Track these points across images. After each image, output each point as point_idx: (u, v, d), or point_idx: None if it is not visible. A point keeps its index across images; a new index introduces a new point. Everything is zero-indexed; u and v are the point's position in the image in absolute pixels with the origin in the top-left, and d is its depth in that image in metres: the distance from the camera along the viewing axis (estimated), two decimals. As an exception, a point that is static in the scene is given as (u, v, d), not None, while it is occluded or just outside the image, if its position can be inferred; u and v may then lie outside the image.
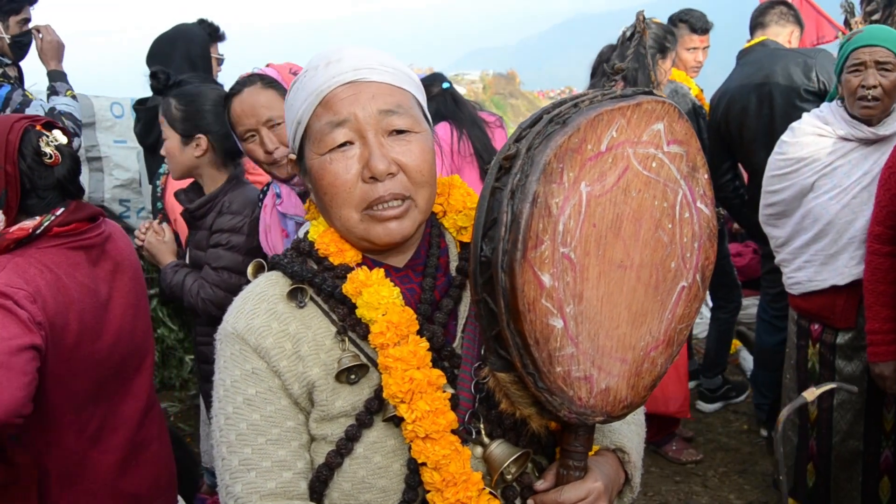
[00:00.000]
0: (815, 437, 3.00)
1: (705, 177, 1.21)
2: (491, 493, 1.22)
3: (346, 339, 1.24)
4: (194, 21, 4.04)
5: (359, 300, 1.23)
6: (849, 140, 2.81)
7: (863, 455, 2.89)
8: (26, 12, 3.54)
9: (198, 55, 3.81)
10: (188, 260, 2.73)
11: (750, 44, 4.03)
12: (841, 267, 2.83)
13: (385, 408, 1.21)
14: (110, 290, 1.96)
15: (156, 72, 2.67)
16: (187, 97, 2.60)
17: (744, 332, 5.07)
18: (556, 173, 1.03)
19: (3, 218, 1.79)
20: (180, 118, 2.59)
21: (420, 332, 1.23)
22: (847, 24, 3.95)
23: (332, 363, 1.22)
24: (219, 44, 4.19)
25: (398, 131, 1.22)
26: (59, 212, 1.84)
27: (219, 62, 4.20)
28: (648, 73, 3.38)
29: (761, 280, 4.12)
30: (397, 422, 1.21)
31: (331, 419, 1.22)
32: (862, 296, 2.71)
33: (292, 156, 1.32)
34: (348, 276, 1.25)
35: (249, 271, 1.34)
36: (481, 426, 1.24)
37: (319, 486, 1.23)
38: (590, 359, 1.12)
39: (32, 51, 3.60)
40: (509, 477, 1.24)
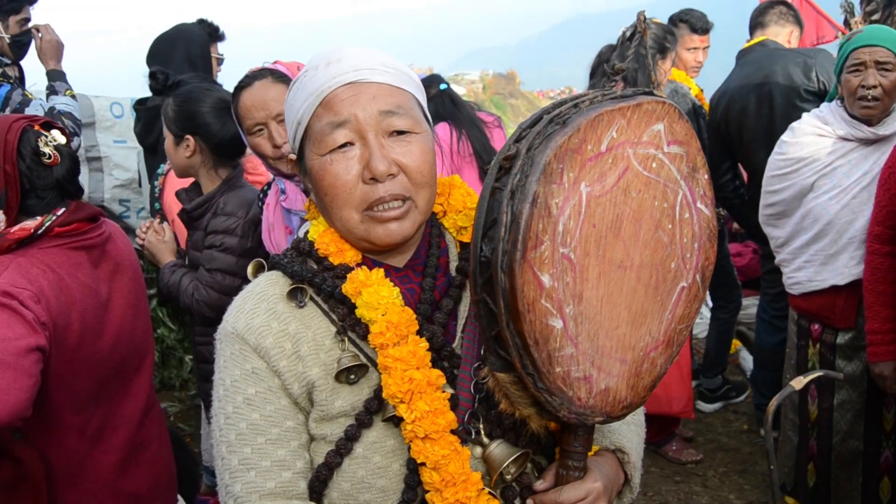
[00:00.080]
0: (815, 437, 3.00)
1: (705, 177, 1.21)
2: (490, 493, 1.22)
3: (346, 339, 1.24)
4: (194, 21, 4.03)
5: (358, 300, 1.23)
6: (849, 140, 2.81)
7: (863, 455, 2.89)
8: (26, 12, 3.53)
9: (198, 55, 3.81)
10: (187, 260, 2.73)
11: (750, 44, 4.03)
12: (841, 267, 2.83)
13: (384, 408, 1.21)
14: (110, 291, 1.96)
15: (154, 72, 2.68)
16: (181, 98, 2.61)
17: (744, 332, 5.07)
18: (556, 174, 1.03)
19: (3, 218, 1.79)
20: (172, 118, 2.61)
21: (420, 333, 1.23)
22: (847, 24, 3.95)
23: (332, 363, 1.22)
24: (219, 44, 4.19)
25: (398, 132, 1.22)
26: (60, 212, 1.84)
27: (219, 62, 4.20)
28: (648, 74, 3.37)
29: (761, 280, 4.12)
30: (397, 422, 1.21)
31: (330, 419, 1.22)
32: (862, 296, 2.71)
33: (292, 156, 1.32)
34: (348, 276, 1.25)
35: (249, 271, 1.34)
36: (481, 426, 1.24)
37: (319, 486, 1.23)
38: (589, 359, 1.12)
39: (32, 50, 3.59)
40: (509, 477, 1.24)
